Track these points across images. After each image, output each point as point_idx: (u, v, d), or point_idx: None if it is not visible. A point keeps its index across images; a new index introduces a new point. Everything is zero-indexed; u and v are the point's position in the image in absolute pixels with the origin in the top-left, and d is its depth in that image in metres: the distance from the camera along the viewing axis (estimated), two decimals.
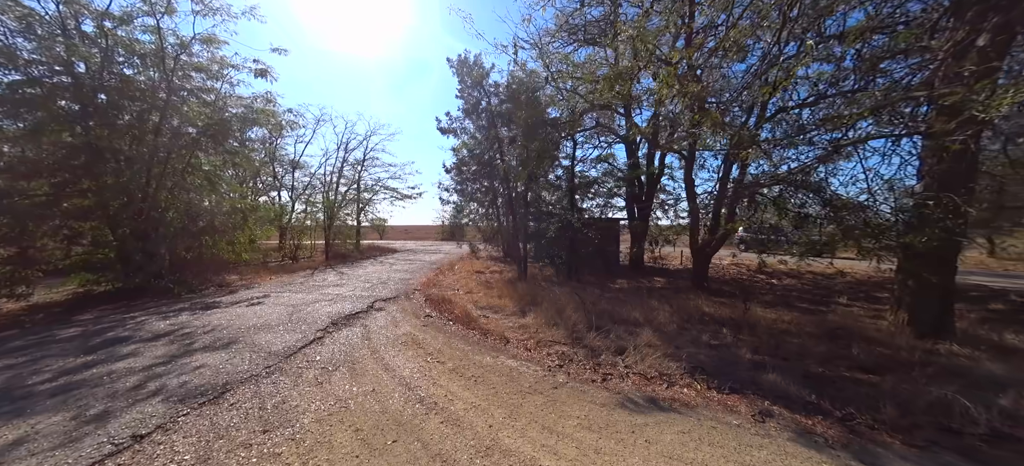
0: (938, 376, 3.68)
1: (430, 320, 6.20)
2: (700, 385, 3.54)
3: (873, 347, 4.75)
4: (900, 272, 5.55)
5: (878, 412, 2.86)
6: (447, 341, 5.09)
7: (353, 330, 5.45)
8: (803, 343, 5.33)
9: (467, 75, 10.40)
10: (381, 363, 4.23)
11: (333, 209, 17.43)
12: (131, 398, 3.27)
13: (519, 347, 4.84)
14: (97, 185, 7.56)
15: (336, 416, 3.05)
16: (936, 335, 4.93)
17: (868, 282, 10.54)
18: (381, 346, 4.80)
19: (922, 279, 5.10)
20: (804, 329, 6.10)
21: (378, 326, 5.70)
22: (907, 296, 5.38)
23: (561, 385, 3.69)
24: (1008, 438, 2.62)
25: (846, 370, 4.05)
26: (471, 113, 11.42)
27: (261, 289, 8.57)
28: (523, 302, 7.15)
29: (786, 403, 3.18)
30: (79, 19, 7.87)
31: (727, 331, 5.86)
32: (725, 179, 9.73)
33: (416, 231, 42.13)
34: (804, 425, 2.83)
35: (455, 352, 4.66)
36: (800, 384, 3.50)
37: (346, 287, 8.80)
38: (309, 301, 7.19)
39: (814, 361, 4.42)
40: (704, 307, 7.62)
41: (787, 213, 9.25)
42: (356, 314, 6.30)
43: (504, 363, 4.29)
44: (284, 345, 4.66)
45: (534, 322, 5.87)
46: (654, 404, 3.28)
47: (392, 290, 8.54)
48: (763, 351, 4.87)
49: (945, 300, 5.11)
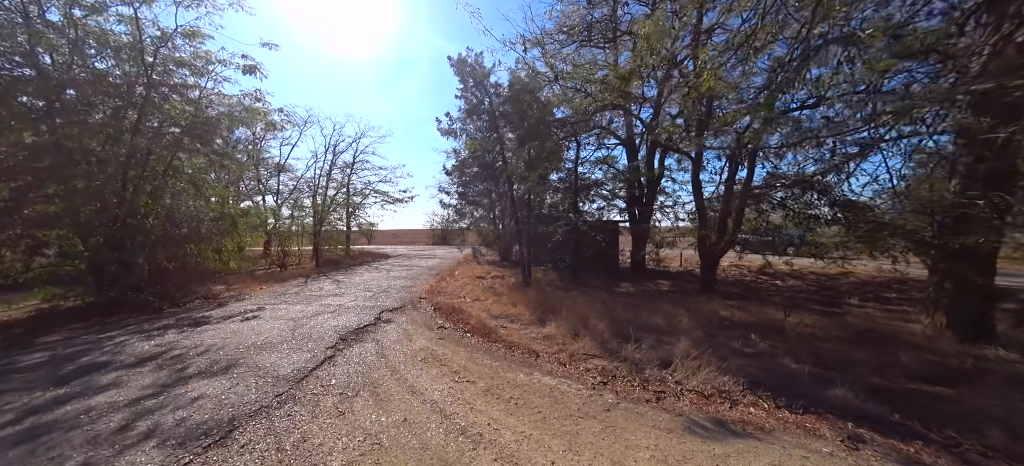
0: (1007, 385, 3.49)
1: (445, 332, 5.76)
2: (767, 404, 3.23)
3: (919, 353, 4.56)
4: (935, 274, 5.43)
5: (982, 435, 2.60)
6: (470, 356, 4.66)
7: (365, 346, 4.96)
8: (837, 348, 5.13)
9: (469, 75, 9.99)
10: (405, 385, 3.78)
11: (323, 213, 16.69)
12: (118, 444, 2.73)
13: (551, 361, 4.46)
14: (65, 190, 6.80)
15: (370, 457, 2.60)
16: (977, 339, 4.79)
17: (873, 282, 10.59)
18: (400, 364, 4.34)
19: (960, 281, 4.97)
20: (830, 333, 5.92)
21: (391, 341, 5.22)
22: (944, 298, 5.25)
23: (613, 407, 3.32)
24: None
25: (906, 380, 3.83)
26: (473, 114, 11.01)
27: (254, 301, 7.92)
28: (539, 310, 6.77)
29: (871, 424, 2.89)
30: (44, 6, 7.12)
31: (756, 337, 5.63)
32: (731, 180, 9.60)
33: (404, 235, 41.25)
34: (906, 454, 2.54)
35: (483, 369, 4.25)
36: (871, 399, 3.24)
37: (346, 297, 8.24)
38: (310, 314, 6.63)
39: (865, 370, 4.19)
40: (720, 311, 7.41)
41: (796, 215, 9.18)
42: (365, 327, 5.79)
43: (541, 381, 3.90)
44: (292, 367, 4.14)
45: (557, 332, 5.50)
46: (724, 428, 2.95)
47: (396, 299, 8.02)
48: (804, 359, 4.63)
49: (985, 303, 4.98)
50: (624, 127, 13.31)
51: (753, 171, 9.25)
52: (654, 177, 12.33)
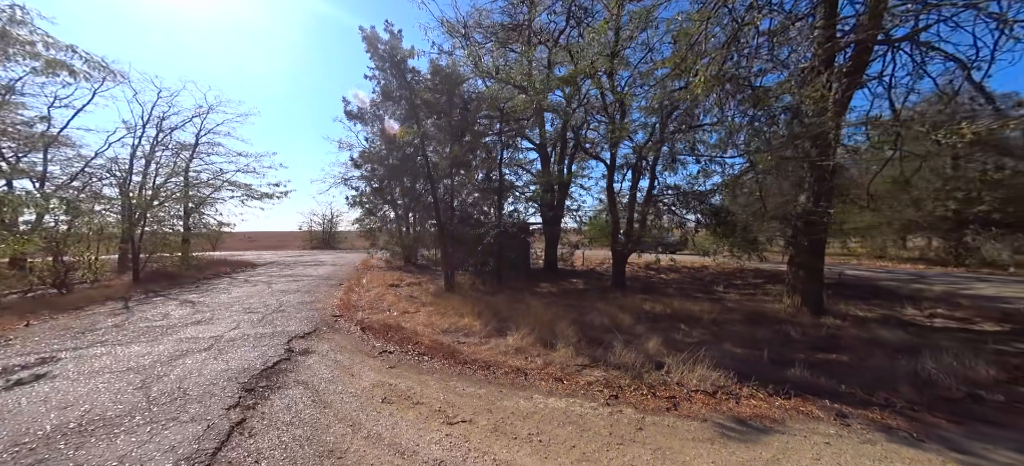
0: (862, 347, 4.74)
1: (392, 358, 4.69)
2: (761, 394, 3.55)
3: (795, 327, 5.85)
4: (792, 265, 7.12)
5: (897, 393, 3.39)
6: (446, 386, 3.86)
7: (290, 394, 3.57)
8: (743, 330, 6.18)
9: (386, 56, 8.56)
10: (383, 444, 2.81)
11: (144, 208, 12.03)
12: None
13: (544, 379, 4.03)
14: None
15: None
16: (819, 313, 6.50)
17: (723, 273, 13.49)
18: (357, 413, 3.25)
19: (811, 270, 6.65)
20: (731, 317, 7.13)
21: (324, 380, 3.92)
22: (800, 284, 6.92)
23: (642, 424, 3.12)
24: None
25: (803, 351, 4.80)
26: (388, 99, 9.50)
27: (26, 348, 4.96)
28: (492, 319, 6.21)
29: (831, 397, 3.45)
30: None
31: (685, 326, 6.39)
32: (634, 188, 10.85)
33: (265, 239, 33.86)
34: (880, 421, 3.07)
35: (472, 401, 3.53)
36: (815, 374, 3.90)
37: (220, 323, 6.00)
38: (166, 356, 4.51)
39: (778, 348, 5.12)
40: (643, 305, 8.21)
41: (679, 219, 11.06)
42: (275, 366, 4.22)
43: (548, 405, 3.45)
44: (175, 459, 2.61)
45: (525, 343, 5.08)
46: (748, 426, 3.07)
47: (302, 320, 6.25)
48: (736, 342, 5.41)
49: (822, 286, 6.78)
50: (538, 134, 13.75)
51: (654, 181, 10.64)
52: (565, 182, 13.06)
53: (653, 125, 9.17)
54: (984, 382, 3.59)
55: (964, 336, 5.49)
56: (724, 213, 10.11)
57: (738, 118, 7.32)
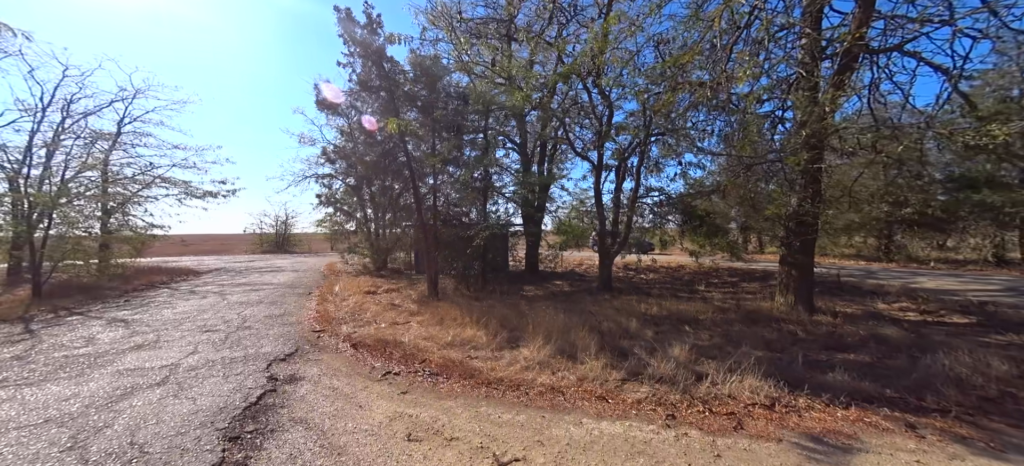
0: (875, 345, 4.85)
1: (398, 380, 4.02)
2: (817, 403, 3.37)
3: (798, 327, 5.94)
4: (784, 264, 7.31)
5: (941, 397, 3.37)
6: (474, 413, 3.30)
7: (290, 439, 2.83)
8: (745, 330, 6.16)
9: (363, 43, 7.66)
10: None
11: (51, 205, 9.93)
12: None
13: (584, 398, 3.59)
14: None
15: None
16: (812, 310, 6.71)
17: (701, 273, 13.91)
18: (383, 460, 2.61)
19: (803, 268, 6.84)
20: (729, 317, 7.16)
21: (327, 415, 3.20)
22: (792, 282, 7.10)
23: (717, 448, 2.79)
24: None
25: (817, 351, 4.82)
26: (366, 90, 8.54)
27: None
28: (497, 329, 5.67)
29: (888, 405, 3.36)
30: None
31: (689, 328, 6.29)
32: (618, 189, 10.80)
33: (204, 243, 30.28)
34: (950, 430, 2.97)
35: (513, 431, 3.02)
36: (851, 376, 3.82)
37: (172, 349, 4.89)
38: (103, 397, 3.49)
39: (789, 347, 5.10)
40: (639, 307, 8.08)
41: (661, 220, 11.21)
42: (259, 402, 3.39)
43: (602, 431, 3.02)
44: None
45: (543, 356, 4.61)
46: (826, 445, 2.84)
47: (276, 339, 5.30)
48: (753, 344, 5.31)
49: (813, 284, 7.02)
50: (519, 134, 13.34)
51: (639, 183, 10.64)
52: (547, 182, 12.77)
53: (638, 126, 9.15)
54: (1008, 379, 3.70)
55: (949, 330, 5.86)
56: (711, 216, 10.34)
57: (720, 123, 7.48)
